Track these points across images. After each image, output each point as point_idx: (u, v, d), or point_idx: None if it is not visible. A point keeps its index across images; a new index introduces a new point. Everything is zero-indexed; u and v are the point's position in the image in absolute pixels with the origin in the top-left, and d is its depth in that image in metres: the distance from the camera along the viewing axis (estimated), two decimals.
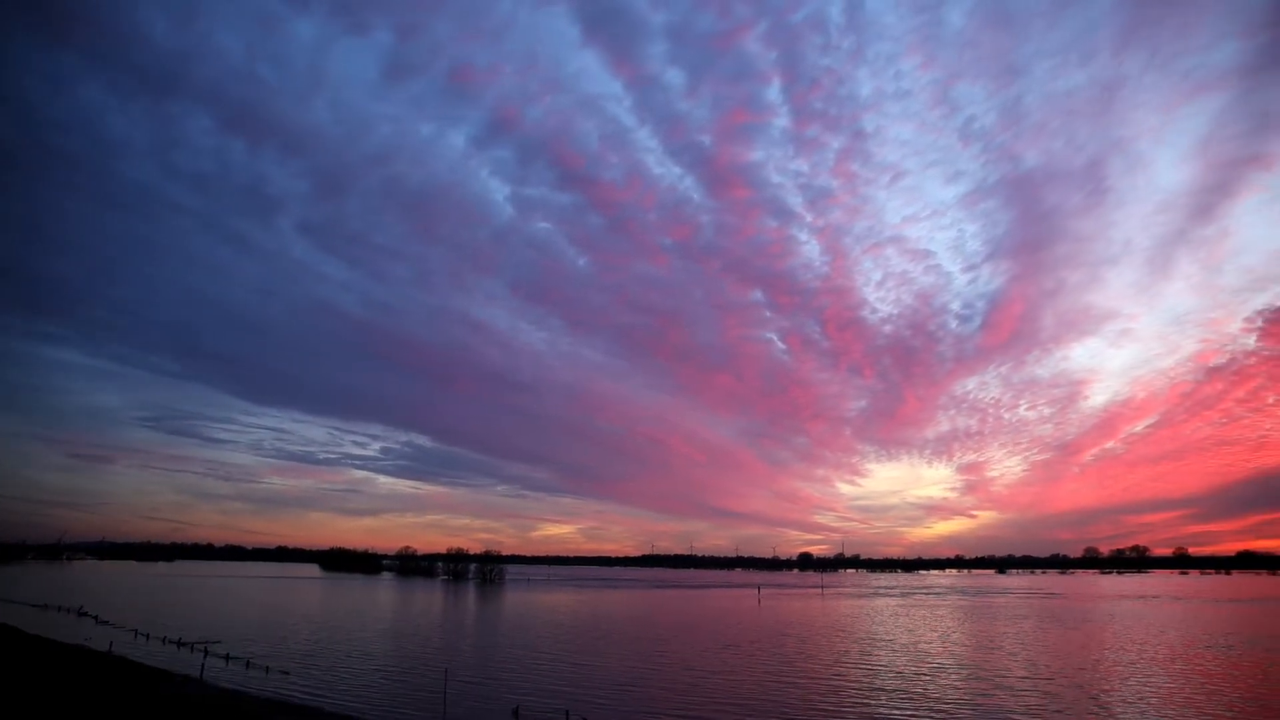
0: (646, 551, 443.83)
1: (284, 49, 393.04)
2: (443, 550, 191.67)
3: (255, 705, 25.27)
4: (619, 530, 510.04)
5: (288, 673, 33.50)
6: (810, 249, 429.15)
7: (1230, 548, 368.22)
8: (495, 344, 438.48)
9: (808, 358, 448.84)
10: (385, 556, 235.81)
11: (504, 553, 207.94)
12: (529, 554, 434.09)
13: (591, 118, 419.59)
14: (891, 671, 35.37)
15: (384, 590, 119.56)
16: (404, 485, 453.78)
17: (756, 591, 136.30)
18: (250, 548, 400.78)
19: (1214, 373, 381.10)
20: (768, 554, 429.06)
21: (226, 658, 37.54)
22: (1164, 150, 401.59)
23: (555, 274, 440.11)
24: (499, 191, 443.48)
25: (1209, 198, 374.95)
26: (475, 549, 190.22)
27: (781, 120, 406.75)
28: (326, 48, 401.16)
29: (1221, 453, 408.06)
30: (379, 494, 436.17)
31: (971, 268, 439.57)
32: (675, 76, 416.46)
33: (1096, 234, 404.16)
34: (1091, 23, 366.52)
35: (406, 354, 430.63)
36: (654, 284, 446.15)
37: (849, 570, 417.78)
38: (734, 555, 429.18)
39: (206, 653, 38.40)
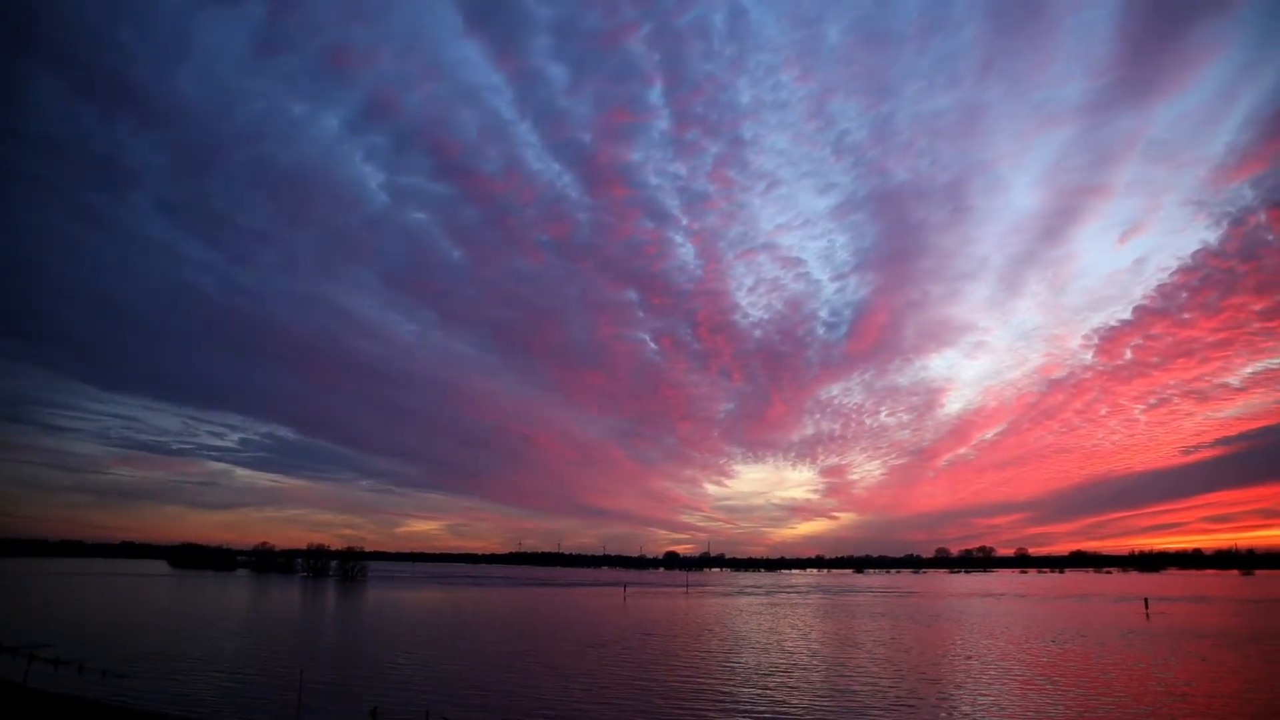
0: (514, 549, 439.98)
1: (147, 13, 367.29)
2: (303, 546, 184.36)
3: (86, 712, 23.42)
4: (486, 527, 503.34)
5: (124, 676, 31.29)
6: (685, 251, 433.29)
7: (1064, 548, 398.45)
8: (364, 335, 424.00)
9: (679, 359, 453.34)
10: (241, 552, 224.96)
11: (367, 549, 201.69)
12: (394, 550, 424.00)
13: (471, 108, 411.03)
14: (754, 671, 35.95)
15: (237, 588, 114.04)
16: (263, 478, 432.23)
17: (622, 590, 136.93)
18: (91, 543, 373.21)
19: (1055, 385, 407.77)
20: (635, 552, 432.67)
21: (55, 662, 34.72)
22: (1019, 174, 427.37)
23: (429, 266, 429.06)
24: (373, 178, 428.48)
25: (1056, 222, 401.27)
26: (337, 545, 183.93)
27: (662, 123, 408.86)
28: (194, 15, 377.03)
29: (1059, 459, 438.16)
30: (236, 487, 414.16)
31: (840, 277, 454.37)
32: (558, 72, 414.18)
33: (957, 250, 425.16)
34: (956, 50, 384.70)
35: (270, 341, 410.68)
36: (529, 280, 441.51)
37: (714, 569, 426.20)
38: (602, 554, 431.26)
39: (32, 657, 35.48)
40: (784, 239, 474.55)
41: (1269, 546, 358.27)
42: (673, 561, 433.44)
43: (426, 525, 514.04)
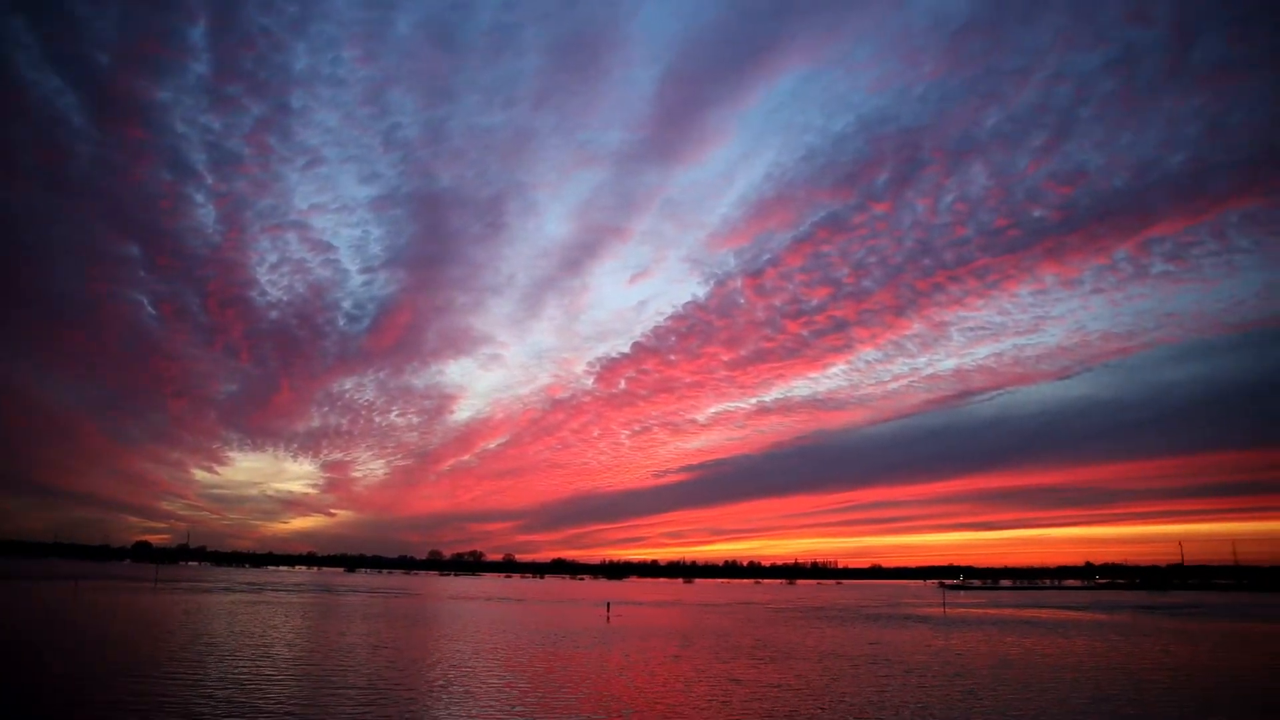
0: None
1: None
2: None
3: None
4: None
5: None
6: (206, 214, 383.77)
7: (547, 555, 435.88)
8: None
9: (181, 329, 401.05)
10: None
11: None
12: None
13: None
14: (229, 678, 32.61)
15: None
16: None
17: (73, 585, 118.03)
18: None
19: (558, 404, 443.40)
20: (98, 541, 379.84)
21: None
22: (555, 204, 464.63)
23: None
24: None
25: (579, 254, 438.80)
26: None
27: (201, 67, 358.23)
28: None
29: (552, 473, 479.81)
30: None
31: (370, 270, 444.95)
32: None
33: (487, 264, 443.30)
34: (518, 74, 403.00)
35: None
36: (4, 210, 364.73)
37: (193, 563, 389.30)
38: (52, 541, 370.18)
39: None
40: (317, 220, 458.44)
41: (708, 559, 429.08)
42: (143, 553, 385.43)
43: None
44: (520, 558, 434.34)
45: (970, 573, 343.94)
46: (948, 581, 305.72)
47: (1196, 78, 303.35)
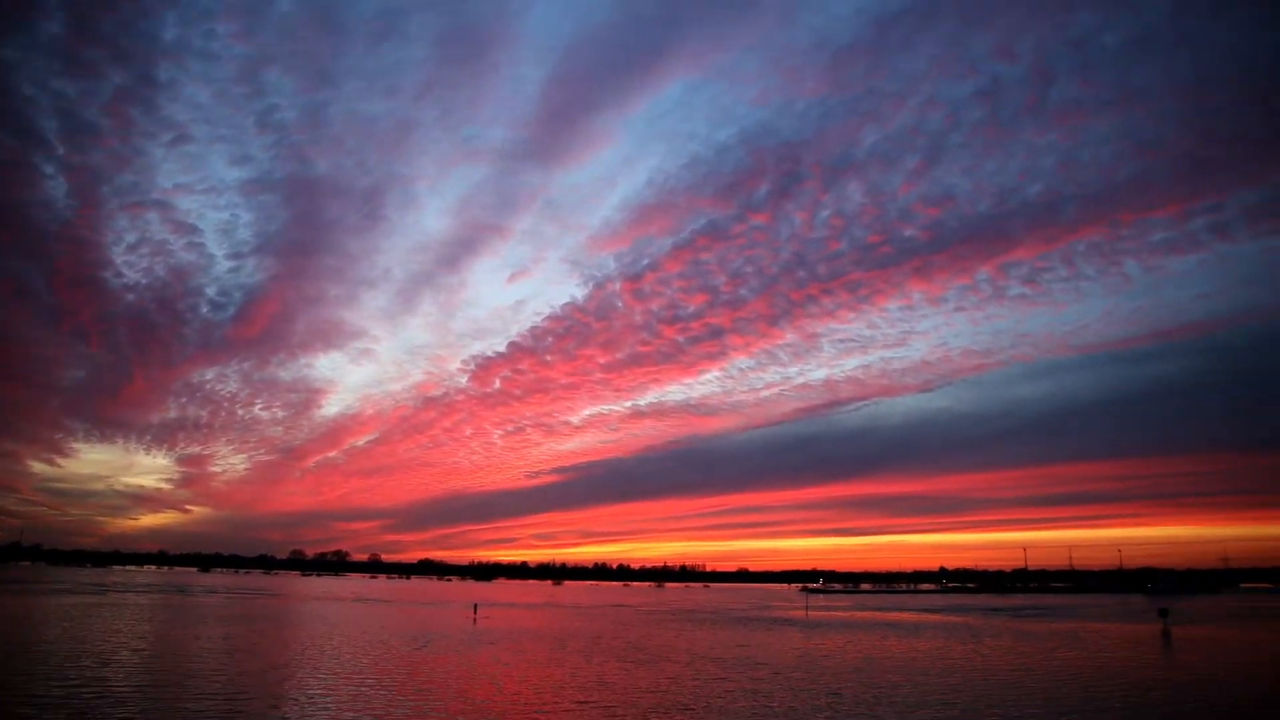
0: None
1: None
2: None
3: None
4: None
5: None
6: (56, 186, 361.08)
7: (415, 556, 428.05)
8: None
9: (21, 309, 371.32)
10: None
11: None
12: None
13: None
14: (64, 691, 30.25)
15: None
16: None
17: None
18: None
19: (430, 402, 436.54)
20: None
21: None
22: (435, 198, 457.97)
23: None
24: None
25: (458, 250, 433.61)
26: None
27: (54, 26, 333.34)
28: None
29: (422, 472, 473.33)
30: None
31: (237, 256, 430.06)
32: None
33: (362, 256, 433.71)
34: (402, 63, 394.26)
35: None
36: None
37: (25, 562, 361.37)
38: None
39: None
40: (182, 201, 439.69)
41: (578, 562, 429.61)
42: None
43: None
44: (387, 558, 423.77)
45: (832, 577, 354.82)
46: (810, 585, 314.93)
47: (1053, 114, 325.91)
